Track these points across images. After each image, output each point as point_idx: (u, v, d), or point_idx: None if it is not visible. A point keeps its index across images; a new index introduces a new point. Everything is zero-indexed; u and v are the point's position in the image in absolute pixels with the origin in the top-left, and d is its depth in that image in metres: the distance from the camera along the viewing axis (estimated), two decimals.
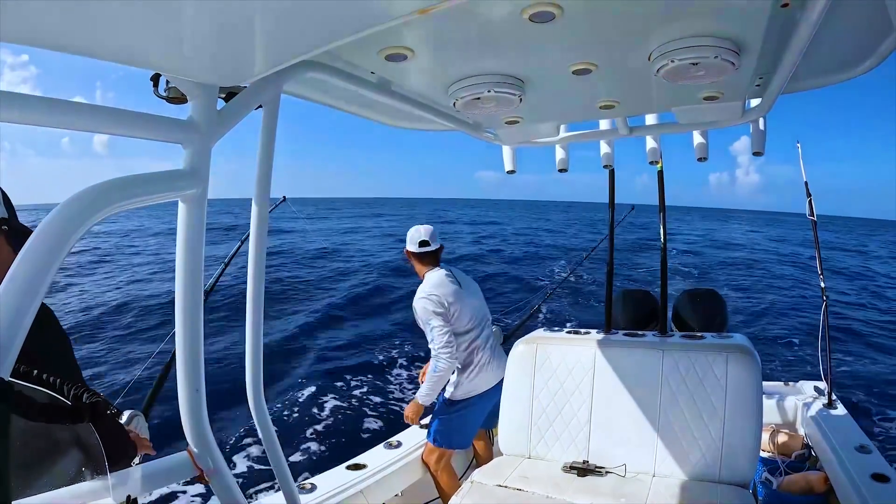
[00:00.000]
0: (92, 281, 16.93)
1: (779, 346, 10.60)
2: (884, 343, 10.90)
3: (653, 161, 2.85)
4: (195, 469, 1.36)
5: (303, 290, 16.22)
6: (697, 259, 24.90)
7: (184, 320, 1.31)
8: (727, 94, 1.88)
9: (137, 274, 18.18)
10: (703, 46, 1.34)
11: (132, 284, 16.16)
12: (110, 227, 32.81)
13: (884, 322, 12.79)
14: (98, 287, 15.96)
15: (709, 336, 2.88)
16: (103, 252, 23.47)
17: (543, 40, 1.34)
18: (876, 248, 39.07)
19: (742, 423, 2.50)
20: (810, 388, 4.03)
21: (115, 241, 27.51)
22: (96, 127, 1.07)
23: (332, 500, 2.55)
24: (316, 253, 23.25)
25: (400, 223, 40.34)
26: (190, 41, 1.05)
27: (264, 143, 1.47)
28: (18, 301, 0.88)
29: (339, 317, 13.97)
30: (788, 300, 15.22)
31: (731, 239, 39.74)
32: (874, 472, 2.68)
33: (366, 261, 21.03)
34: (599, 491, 2.47)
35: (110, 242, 26.77)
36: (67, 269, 17.68)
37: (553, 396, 2.87)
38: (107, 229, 31.45)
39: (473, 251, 25.15)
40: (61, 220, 0.96)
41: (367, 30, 1.00)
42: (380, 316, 13.87)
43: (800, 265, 23.17)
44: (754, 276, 20.37)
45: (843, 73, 1.88)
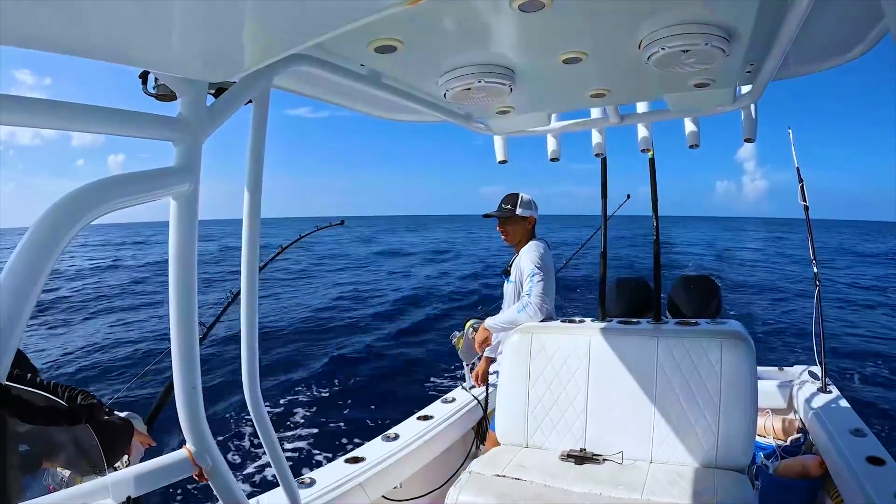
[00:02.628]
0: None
1: (772, 330, 10.69)
2: (877, 326, 11.00)
3: (644, 149, 2.86)
4: (194, 467, 1.36)
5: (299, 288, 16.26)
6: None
7: (178, 318, 1.30)
8: (718, 80, 1.88)
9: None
10: (694, 34, 1.34)
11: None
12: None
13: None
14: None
15: (703, 322, 2.89)
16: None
17: (533, 30, 1.34)
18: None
19: (737, 408, 2.52)
20: (805, 372, 4.06)
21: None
22: (86, 126, 1.05)
23: (332, 493, 2.55)
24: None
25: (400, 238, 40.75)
26: (178, 37, 1.04)
27: (255, 138, 1.46)
28: (12, 303, 0.87)
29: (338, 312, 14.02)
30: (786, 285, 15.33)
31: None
32: (869, 455, 2.70)
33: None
34: (597, 478, 2.48)
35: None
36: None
37: (549, 385, 2.88)
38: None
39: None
40: (54, 220, 0.95)
41: (356, 21, 0.99)
42: (378, 316, 13.93)
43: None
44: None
45: (833, 60, 1.89)
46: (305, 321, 13.46)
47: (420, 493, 3.10)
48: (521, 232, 3.51)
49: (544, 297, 3.20)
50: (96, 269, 25.22)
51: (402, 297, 16.82)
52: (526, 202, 3.50)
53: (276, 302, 15.70)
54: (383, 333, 12.05)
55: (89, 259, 29.42)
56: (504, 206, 3.51)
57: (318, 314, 14.21)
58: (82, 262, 27.86)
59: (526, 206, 3.48)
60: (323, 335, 12.06)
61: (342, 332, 12.33)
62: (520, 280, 3.41)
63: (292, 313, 14.39)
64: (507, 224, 3.51)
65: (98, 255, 32.30)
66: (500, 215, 3.50)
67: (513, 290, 3.51)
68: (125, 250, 37.84)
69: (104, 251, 36.65)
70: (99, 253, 34.60)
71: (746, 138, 2.52)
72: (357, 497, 2.65)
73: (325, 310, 14.77)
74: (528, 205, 3.50)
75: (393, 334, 11.98)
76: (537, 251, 3.37)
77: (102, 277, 22.72)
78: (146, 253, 33.80)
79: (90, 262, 27.80)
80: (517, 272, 3.45)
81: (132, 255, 33.25)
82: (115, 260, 29.58)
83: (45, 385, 1.69)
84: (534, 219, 3.52)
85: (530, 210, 3.50)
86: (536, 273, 3.25)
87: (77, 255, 29.97)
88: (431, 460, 3.19)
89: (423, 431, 3.22)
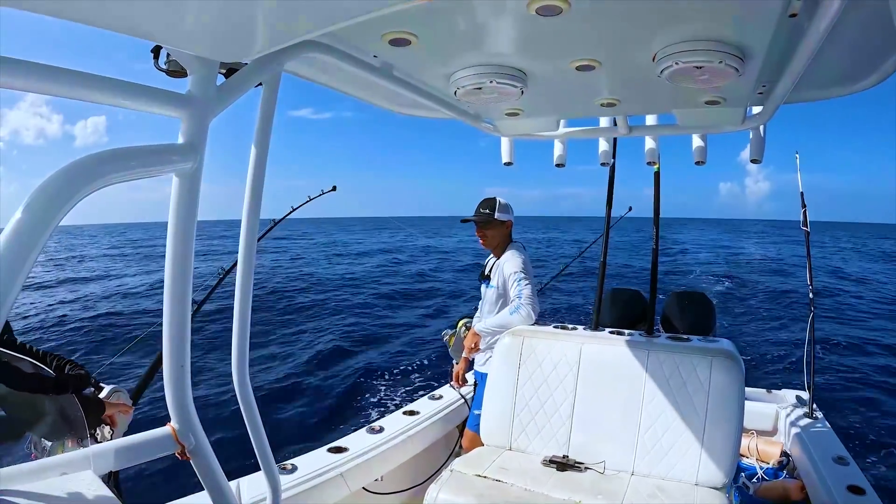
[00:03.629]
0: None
1: (763, 352, 10.69)
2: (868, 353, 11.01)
3: (650, 161, 2.85)
4: (177, 445, 1.36)
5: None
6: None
7: (172, 296, 1.30)
8: (729, 99, 1.88)
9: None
10: (709, 51, 1.34)
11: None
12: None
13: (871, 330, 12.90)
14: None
15: (695, 339, 2.89)
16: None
17: (548, 34, 1.33)
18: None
19: (722, 427, 2.52)
20: (792, 396, 4.06)
21: None
22: (94, 96, 1.05)
23: (313, 481, 2.55)
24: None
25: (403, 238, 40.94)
26: (193, 14, 1.03)
27: (263, 120, 1.46)
28: (5, 275, 0.87)
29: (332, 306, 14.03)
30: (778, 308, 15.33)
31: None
32: (851, 483, 2.71)
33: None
34: (578, 486, 2.48)
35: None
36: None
37: (536, 390, 2.89)
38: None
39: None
40: (50, 191, 0.94)
41: (372, 12, 0.99)
42: (371, 308, 13.93)
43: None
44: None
45: (845, 88, 1.89)
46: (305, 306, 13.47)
47: (401, 488, 3.11)
48: (499, 236, 3.50)
49: (535, 299, 3.23)
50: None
51: (403, 290, 16.87)
52: (503, 206, 3.48)
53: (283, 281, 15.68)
54: (381, 324, 12.07)
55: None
56: (482, 210, 3.49)
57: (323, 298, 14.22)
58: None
59: (503, 211, 3.47)
60: (319, 320, 12.07)
61: (339, 319, 12.35)
62: (502, 284, 3.40)
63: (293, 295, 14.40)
64: (485, 228, 3.49)
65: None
66: (478, 220, 3.48)
67: (493, 295, 3.49)
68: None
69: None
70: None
71: (753, 159, 2.52)
72: (337, 487, 2.65)
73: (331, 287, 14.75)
74: (505, 209, 3.48)
75: (391, 325, 12.00)
76: (520, 255, 3.39)
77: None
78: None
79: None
80: (498, 277, 3.44)
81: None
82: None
83: (33, 352, 1.69)
84: (511, 223, 3.52)
85: (507, 214, 3.49)
86: (522, 277, 3.27)
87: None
88: (414, 455, 3.19)
89: (408, 426, 3.22)
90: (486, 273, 3.60)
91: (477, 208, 3.52)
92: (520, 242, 3.54)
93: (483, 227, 3.49)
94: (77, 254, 33.83)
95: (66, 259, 29.59)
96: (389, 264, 25.98)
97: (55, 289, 16.03)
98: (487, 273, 3.58)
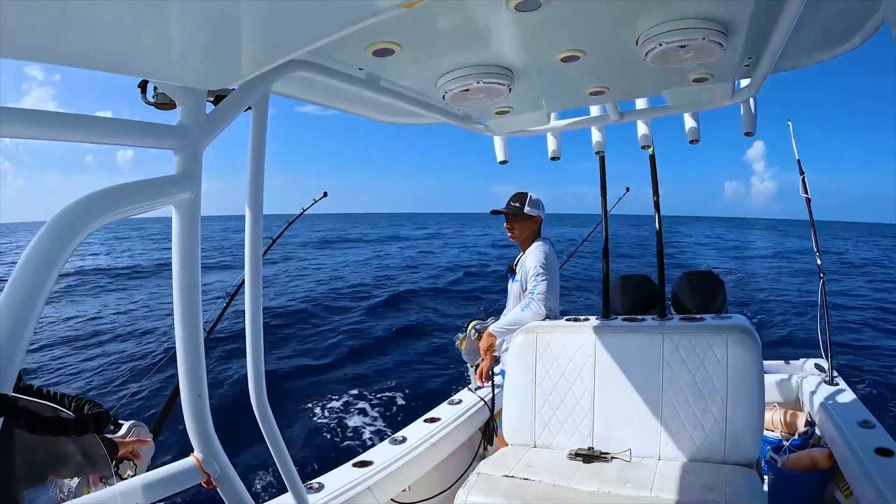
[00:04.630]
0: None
1: (778, 324, 10.65)
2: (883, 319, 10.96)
3: (644, 146, 2.85)
4: (202, 474, 1.36)
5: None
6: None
7: (183, 326, 1.30)
8: (716, 75, 1.88)
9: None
10: (691, 28, 1.34)
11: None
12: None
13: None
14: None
15: (708, 318, 2.88)
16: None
17: (530, 29, 1.34)
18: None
19: (744, 403, 2.51)
20: (811, 365, 4.04)
21: None
22: (85, 137, 1.06)
23: (341, 497, 2.55)
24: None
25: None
26: (176, 46, 1.04)
27: (255, 144, 1.46)
28: (17, 314, 0.87)
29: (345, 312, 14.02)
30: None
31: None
32: (878, 446, 2.69)
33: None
34: (605, 477, 2.48)
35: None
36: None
37: (555, 385, 2.88)
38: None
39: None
40: (57, 231, 0.95)
41: (353, 26, 0.99)
42: (383, 320, 13.91)
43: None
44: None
45: (830, 51, 1.88)
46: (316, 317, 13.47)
47: (429, 496, 3.10)
48: (527, 230, 3.54)
49: (547, 295, 3.22)
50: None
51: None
52: (534, 201, 3.53)
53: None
54: (394, 336, 12.06)
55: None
56: (513, 203, 3.54)
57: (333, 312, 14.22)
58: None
59: (534, 206, 3.52)
60: (332, 338, 12.07)
61: (352, 334, 12.34)
62: (524, 279, 3.42)
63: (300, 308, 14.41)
64: (514, 222, 3.55)
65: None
66: (508, 212, 3.54)
67: (518, 289, 3.52)
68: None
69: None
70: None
71: (746, 132, 2.51)
72: (366, 500, 2.65)
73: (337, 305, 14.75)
74: (535, 204, 3.53)
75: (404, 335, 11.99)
76: (543, 251, 3.40)
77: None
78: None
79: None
80: (522, 271, 3.47)
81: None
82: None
83: (50, 395, 1.69)
84: (540, 218, 3.55)
85: (538, 210, 3.53)
86: (540, 272, 3.28)
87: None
88: (439, 462, 3.18)
89: (430, 434, 3.22)
90: (512, 267, 3.65)
91: (508, 201, 3.58)
92: (548, 239, 3.57)
93: (512, 220, 3.55)
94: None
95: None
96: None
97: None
98: (513, 266, 3.63)
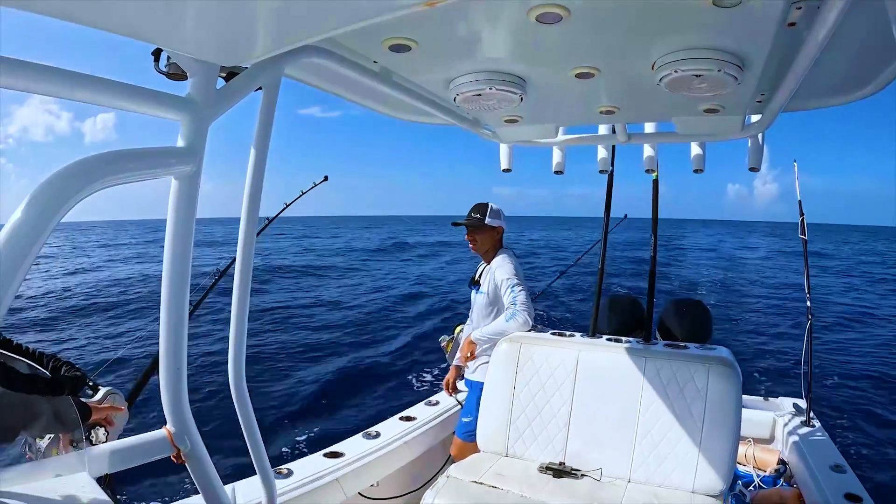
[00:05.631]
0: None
1: (760, 359, 10.67)
2: (864, 364, 11.00)
3: (649, 169, 2.86)
4: (172, 448, 1.36)
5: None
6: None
7: (169, 299, 1.30)
8: (728, 107, 1.89)
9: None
10: (708, 59, 1.34)
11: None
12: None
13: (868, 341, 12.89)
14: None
15: (692, 347, 2.89)
16: None
17: (548, 42, 1.34)
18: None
19: (719, 434, 2.52)
20: (790, 404, 4.06)
21: None
22: (93, 98, 1.05)
23: (308, 486, 2.54)
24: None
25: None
26: (194, 18, 1.04)
27: (262, 124, 1.46)
28: (5, 270, 0.87)
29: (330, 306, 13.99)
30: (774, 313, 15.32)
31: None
32: (847, 491, 2.70)
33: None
34: (574, 493, 2.48)
35: None
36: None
37: (533, 396, 2.88)
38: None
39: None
40: (50, 192, 0.94)
41: (372, 18, 0.99)
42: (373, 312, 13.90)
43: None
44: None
45: (843, 97, 1.89)
46: None
47: (396, 493, 3.10)
48: (489, 241, 3.47)
49: (529, 304, 3.21)
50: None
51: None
52: (495, 212, 3.47)
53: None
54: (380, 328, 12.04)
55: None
56: (473, 214, 3.47)
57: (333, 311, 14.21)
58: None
59: (494, 216, 3.45)
60: (317, 325, 12.04)
61: (338, 323, 12.32)
62: (493, 290, 3.37)
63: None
64: (475, 233, 3.47)
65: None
66: (468, 224, 3.47)
67: (483, 301, 3.45)
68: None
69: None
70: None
71: (751, 167, 2.52)
72: (333, 492, 2.64)
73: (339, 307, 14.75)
74: (496, 214, 3.46)
75: (391, 329, 11.98)
76: (511, 262, 3.36)
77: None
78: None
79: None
80: (489, 282, 3.41)
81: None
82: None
83: (29, 352, 1.68)
84: (502, 229, 3.50)
85: (499, 220, 3.47)
86: (515, 283, 3.24)
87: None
88: (410, 461, 3.18)
89: (404, 432, 3.22)
90: (476, 279, 3.58)
91: (469, 212, 3.51)
92: (510, 248, 3.52)
93: (473, 232, 3.47)
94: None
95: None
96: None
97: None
98: (477, 279, 3.56)
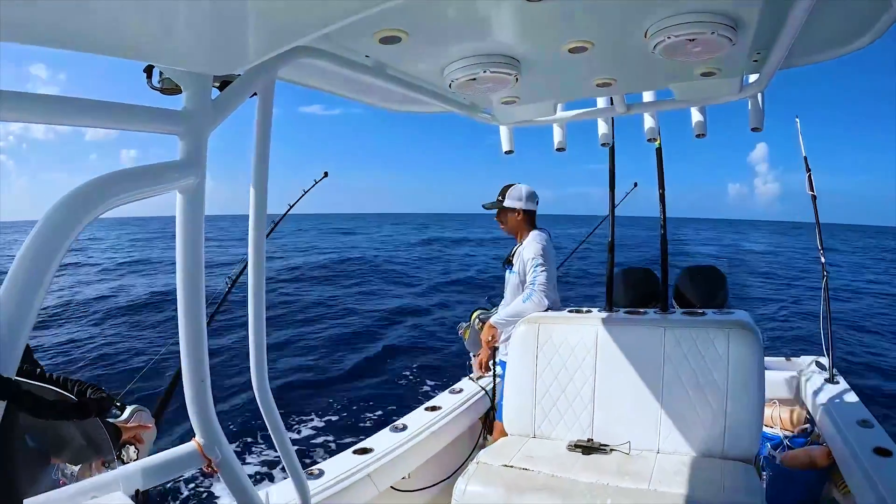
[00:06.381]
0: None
1: (780, 320, 10.63)
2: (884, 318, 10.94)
3: (651, 139, 2.84)
4: (203, 459, 1.37)
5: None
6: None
7: (186, 312, 1.30)
8: (724, 69, 1.86)
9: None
10: (700, 22, 1.33)
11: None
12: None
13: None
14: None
15: (710, 312, 2.88)
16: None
17: (538, 19, 1.33)
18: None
19: (744, 398, 2.51)
20: (812, 363, 4.04)
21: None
22: (89, 121, 1.05)
23: (341, 484, 2.56)
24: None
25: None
26: (183, 31, 1.04)
27: (260, 130, 1.46)
28: (20, 300, 0.87)
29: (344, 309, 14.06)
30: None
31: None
32: (876, 446, 2.69)
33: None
34: (604, 469, 2.49)
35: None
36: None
37: (556, 376, 2.89)
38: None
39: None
40: (60, 216, 0.94)
41: (361, 13, 0.99)
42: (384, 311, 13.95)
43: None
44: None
45: (840, 49, 1.86)
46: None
47: (428, 484, 3.12)
48: (513, 222, 3.58)
49: (548, 285, 3.25)
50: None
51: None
52: (515, 194, 3.56)
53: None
54: (397, 325, 12.09)
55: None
56: (498, 197, 3.60)
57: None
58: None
59: (514, 198, 3.55)
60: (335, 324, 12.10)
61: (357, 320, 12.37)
62: (523, 270, 3.44)
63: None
64: (499, 215, 3.62)
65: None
66: (490, 207, 3.62)
67: (516, 280, 3.53)
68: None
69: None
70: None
71: (753, 127, 2.49)
72: (366, 487, 2.66)
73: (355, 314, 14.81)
74: (516, 196, 3.55)
75: (407, 325, 12.02)
76: (540, 242, 3.42)
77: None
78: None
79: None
80: (520, 262, 3.48)
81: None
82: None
83: (54, 379, 1.70)
84: (522, 210, 3.56)
85: (517, 201, 3.55)
86: (539, 263, 3.30)
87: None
88: (439, 451, 3.20)
89: (430, 422, 3.23)
90: (509, 258, 3.67)
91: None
92: (545, 229, 3.58)
93: (498, 214, 3.62)
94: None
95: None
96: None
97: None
98: (510, 258, 3.65)
